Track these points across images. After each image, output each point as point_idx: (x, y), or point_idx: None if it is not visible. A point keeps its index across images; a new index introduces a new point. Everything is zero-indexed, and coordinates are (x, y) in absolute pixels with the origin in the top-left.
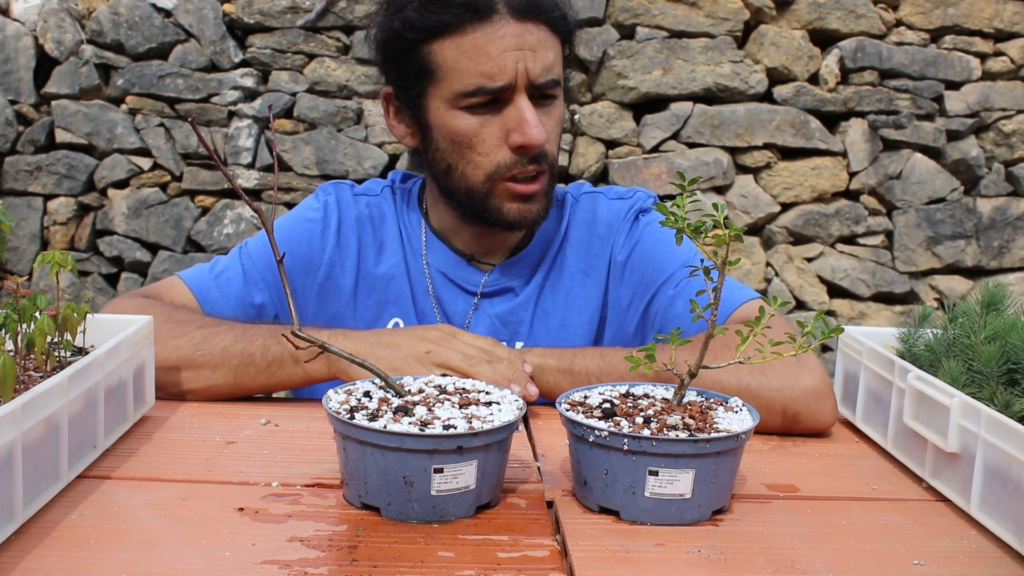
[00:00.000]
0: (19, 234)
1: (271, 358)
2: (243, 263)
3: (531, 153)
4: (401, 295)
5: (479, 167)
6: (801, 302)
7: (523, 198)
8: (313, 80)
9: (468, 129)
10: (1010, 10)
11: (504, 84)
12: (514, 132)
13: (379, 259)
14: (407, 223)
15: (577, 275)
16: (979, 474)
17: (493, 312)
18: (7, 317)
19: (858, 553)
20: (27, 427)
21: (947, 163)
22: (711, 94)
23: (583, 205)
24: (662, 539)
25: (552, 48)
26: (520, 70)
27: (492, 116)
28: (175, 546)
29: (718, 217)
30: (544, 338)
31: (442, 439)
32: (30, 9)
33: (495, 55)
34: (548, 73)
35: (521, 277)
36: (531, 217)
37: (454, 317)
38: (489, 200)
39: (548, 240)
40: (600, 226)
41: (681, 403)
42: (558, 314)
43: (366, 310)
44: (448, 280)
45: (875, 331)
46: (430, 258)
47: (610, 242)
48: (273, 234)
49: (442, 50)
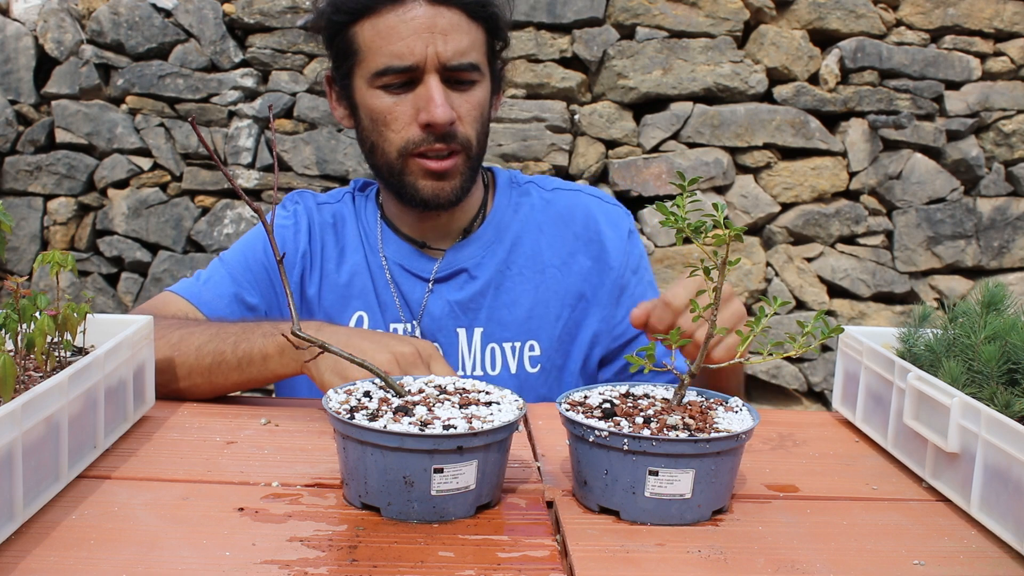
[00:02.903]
0: (19, 234)
1: (240, 355)
2: (226, 269)
3: (437, 131)
4: (364, 289)
5: (392, 143)
6: (801, 302)
7: (435, 175)
8: (313, 80)
9: (383, 107)
10: (1010, 10)
11: (411, 64)
12: (422, 111)
13: (340, 266)
14: (365, 222)
15: (551, 268)
16: (979, 474)
17: (451, 298)
18: (7, 317)
19: (858, 553)
20: (27, 427)
21: (947, 163)
22: (711, 94)
23: (555, 198)
24: (662, 539)
25: (468, 33)
26: (430, 52)
27: (404, 95)
28: (175, 546)
29: (718, 217)
30: (509, 326)
31: (442, 439)
32: (30, 9)
33: (405, 35)
34: (462, 56)
35: (473, 259)
36: (445, 195)
37: (412, 305)
38: (404, 177)
39: (504, 224)
40: (578, 224)
41: (681, 403)
42: (525, 303)
43: (330, 305)
44: (403, 270)
45: (875, 331)
46: (386, 251)
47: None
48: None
49: (362, 31)
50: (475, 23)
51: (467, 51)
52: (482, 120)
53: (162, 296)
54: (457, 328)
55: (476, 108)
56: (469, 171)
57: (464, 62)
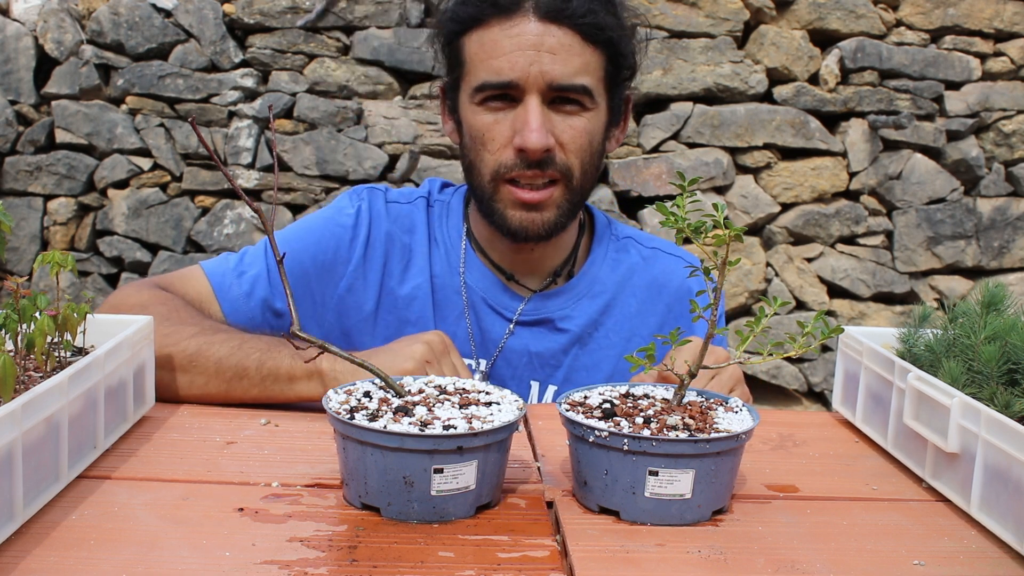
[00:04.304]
0: (19, 234)
1: (265, 373)
2: (268, 263)
3: (531, 157)
4: (422, 316)
5: (486, 165)
6: (801, 302)
7: (526, 206)
8: (313, 80)
9: (481, 125)
10: (1010, 10)
11: (510, 80)
12: (517, 133)
13: (404, 278)
14: (445, 236)
15: (637, 337)
16: (979, 474)
17: (532, 348)
18: (7, 317)
19: (858, 553)
20: (27, 427)
21: (947, 163)
22: (711, 94)
23: (654, 259)
24: (662, 539)
25: (580, 55)
26: (533, 70)
27: (505, 115)
28: (175, 546)
29: (718, 217)
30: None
31: (442, 439)
32: (30, 9)
33: (508, 50)
34: (571, 77)
35: (562, 311)
36: (535, 227)
37: (488, 343)
38: (495, 203)
39: (599, 280)
40: (671, 295)
41: (681, 403)
42: (606, 369)
43: (386, 327)
44: (485, 303)
45: (875, 331)
46: (468, 277)
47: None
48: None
49: (469, 43)
50: (590, 46)
51: (577, 72)
52: (590, 151)
53: (191, 270)
54: (532, 380)
55: (583, 135)
56: (567, 204)
57: (572, 83)
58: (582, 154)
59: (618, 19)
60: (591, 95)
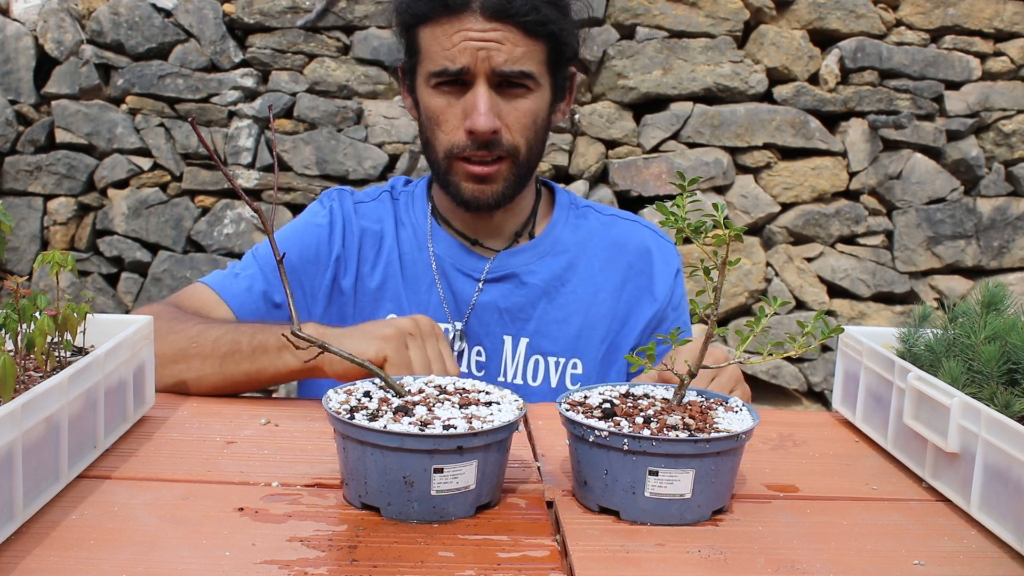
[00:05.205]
0: (19, 234)
1: (256, 344)
2: (258, 264)
3: (480, 139)
4: (396, 293)
5: (441, 144)
6: (801, 302)
7: (476, 179)
8: (313, 80)
9: (436, 107)
10: (1010, 10)
11: (462, 66)
12: (468, 117)
13: (376, 263)
14: (412, 218)
15: (603, 292)
16: (979, 474)
17: (501, 304)
18: (7, 317)
19: (858, 553)
20: (27, 427)
21: (947, 163)
22: (711, 94)
23: (613, 224)
24: (662, 539)
25: (523, 46)
26: (481, 57)
27: (456, 99)
28: (175, 546)
29: (718, 217)
30: (558, 341)
31: (442, 439)
32: (30, 9)
33: (458, 42)
34: (514, 64)
35: (525, 266)
36: (485, 197)
37: (461, 303)
38: (449, 176)
39: (560, 240)
40: (632, 254)
41: (681, 403)
42: (576, 322)
43: (361, 308)
44: (453, 267)
45: (875, 331)
46: (436, 247)
47: (649, 279)
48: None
49: (424, 34)
50: (532, 39)
51: (520, 59)
52: (535, 128)
53: (193, 287)
54: (504, 335)
55: (526, 116)
56: (515, 177)
57: (515, 69)
58: (527, 132)
59: (560, 10)
60: (534, 78)
